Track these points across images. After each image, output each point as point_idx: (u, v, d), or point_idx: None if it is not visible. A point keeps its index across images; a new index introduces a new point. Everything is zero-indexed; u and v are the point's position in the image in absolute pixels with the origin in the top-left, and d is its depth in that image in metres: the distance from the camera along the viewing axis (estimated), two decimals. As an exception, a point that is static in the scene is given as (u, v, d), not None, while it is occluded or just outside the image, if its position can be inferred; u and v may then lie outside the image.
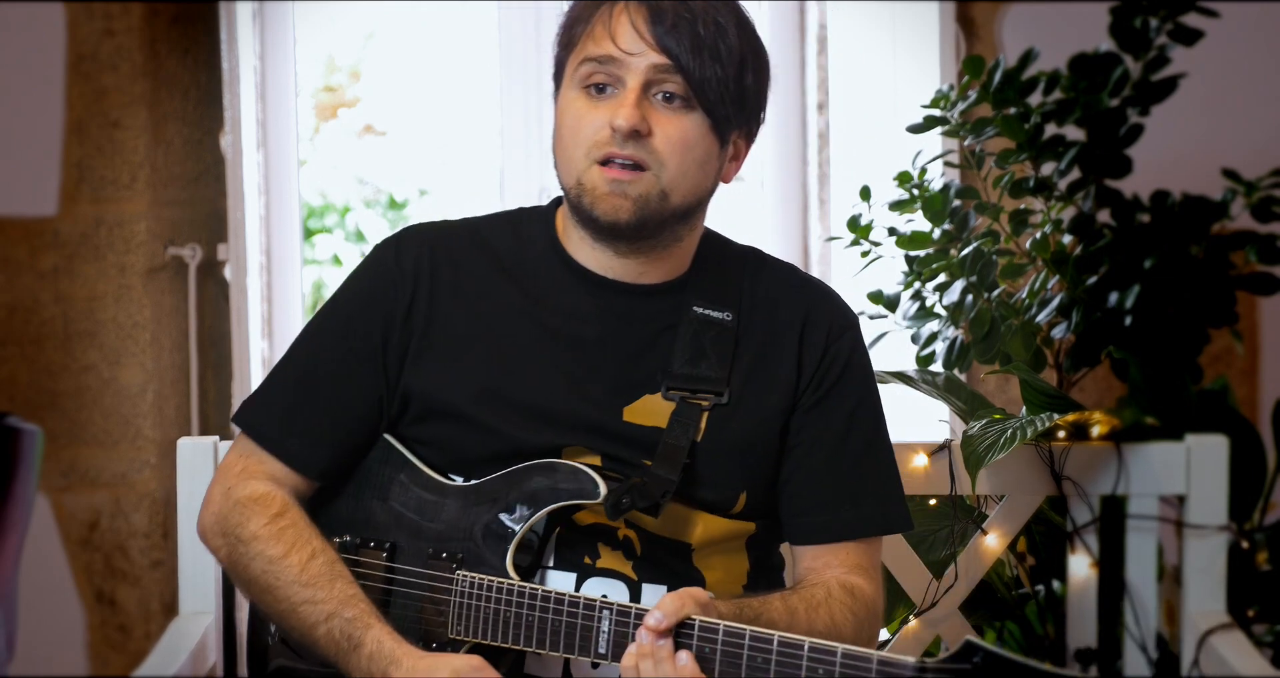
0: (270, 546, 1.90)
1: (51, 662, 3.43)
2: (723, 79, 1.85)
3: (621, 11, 1.85)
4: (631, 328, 1.93)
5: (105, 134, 3.36)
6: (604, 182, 1.84)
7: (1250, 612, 2.50)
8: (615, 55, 1.84)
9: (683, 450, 1.88)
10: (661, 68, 1.84)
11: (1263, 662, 2.20)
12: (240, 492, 1.95)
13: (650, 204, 1.85)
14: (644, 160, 1.84)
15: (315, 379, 1.96)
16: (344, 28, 4.53)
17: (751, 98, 1.91)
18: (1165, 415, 2.44)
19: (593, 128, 1.84)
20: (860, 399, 1.99)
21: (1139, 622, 2.37)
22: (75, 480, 3.43)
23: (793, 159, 3.45)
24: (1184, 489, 2.34)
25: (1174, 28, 2.54)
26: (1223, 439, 2.34)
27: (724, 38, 1.85)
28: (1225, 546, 2.33)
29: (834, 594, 1.91)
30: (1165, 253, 2.50)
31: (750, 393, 1.94)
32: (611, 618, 1.78)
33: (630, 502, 1.85)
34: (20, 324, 3.40)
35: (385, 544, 1.93)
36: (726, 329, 1.94)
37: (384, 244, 1.99)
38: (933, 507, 2.50)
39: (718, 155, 1.91)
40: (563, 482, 1.86)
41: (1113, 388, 3.19)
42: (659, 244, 1.91)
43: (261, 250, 3.49)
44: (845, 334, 1.99)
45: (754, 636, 1.71)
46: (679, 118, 1.85)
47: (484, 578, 1.86)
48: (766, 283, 1.99)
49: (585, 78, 1.86)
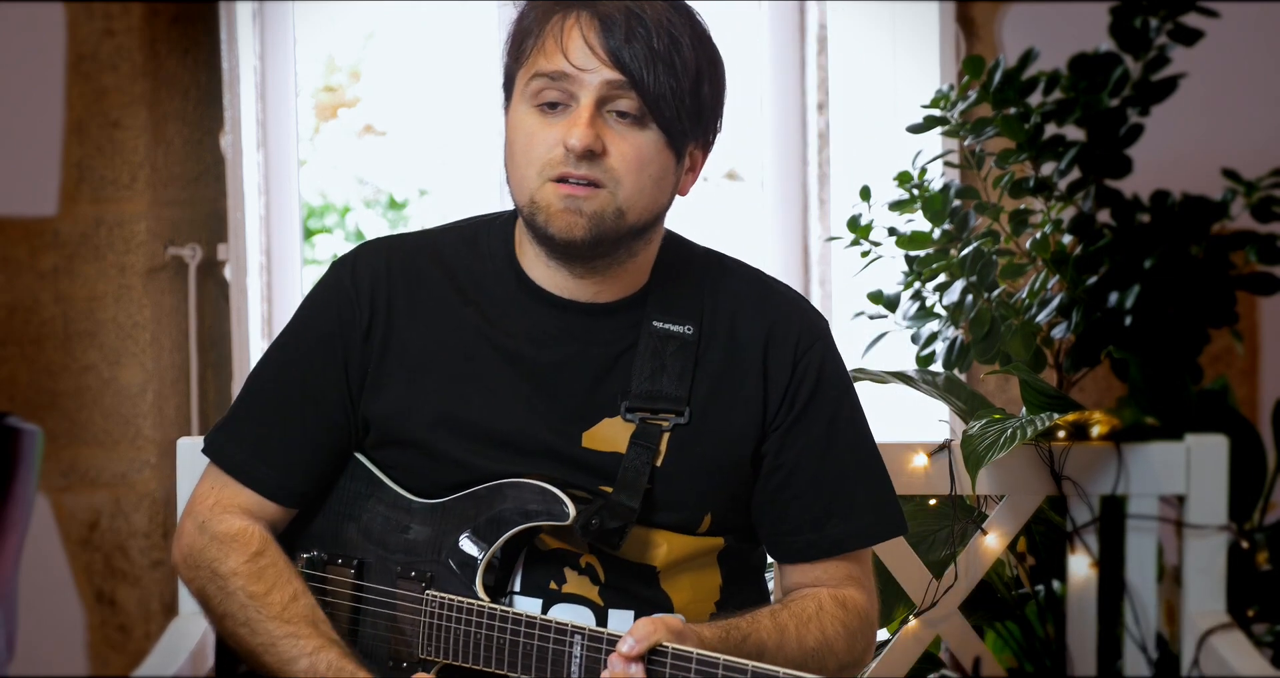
0: (251, 583, 1.89)
1: (51, 662, 3.42)
2: (678, 93, 1.79)
3: (573, 24, 1.79)
4: (590, 350, 1.89)
5: (105, 134, 3.36)
6: (558, 198, 1.79)
7: (1250, 612, 2.50)
8: (568, 71, 1.78)
9: (643, 476, 1.85)
10: (615, 84, 1.78)
11: (1263, 662, 2.21)
12: (216, 527, 1.93)
13: (606, 221, 1.80)
14: (599, 179, 1.78)
15: (282, 406, 1.93)
16: (344, 28, 4.53)
17: (708, 109, 1.84)
18: (1165, 415, 2.44)
19: (545, 146, 1.79)
20: (836, 409, 1.94)
21: (1139, 622, 2.37)
22: (75, 480, 3.43)
23: (793, 159, 3.45)
24: (1184, 489, 2.34)
25: (1174, 28, 2.54)
26: (1223, 439, 2.34)
27: (679, 50, 1.78)
28: (1225, 546, 2.33)
29: (825, 608, 1.89)
30: (1165, 253, 2.50)
31: (713, 413, 1.89)
32: (583, 643, 1.76)
33: (600, 522, 1.81)
34: (20, 324, 3.40)
35: (354, 561, 1.91)
36: (687, 343, 1.89)
37: (339, 263, 1.96)
38: (933, 507, 2.50)
39: (674, 170, 1.85)
40: (531, 503, 1.84)
41: (1113, 388, 3.19)
42: (614, 262, 1.86)
43: (261, 250, 3.49)
44: (814, 347, 1.93)
45: (727, 665, 1.68)
46: (634, 135, 1.79)
47: (454, 599, 1.84)
48: (729, 294, 1.94)
49: (536, 94, 1.80)
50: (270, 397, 1.94)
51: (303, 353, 1.94)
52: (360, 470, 1.95)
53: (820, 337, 1.95)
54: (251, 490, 1.93)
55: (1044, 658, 2.51)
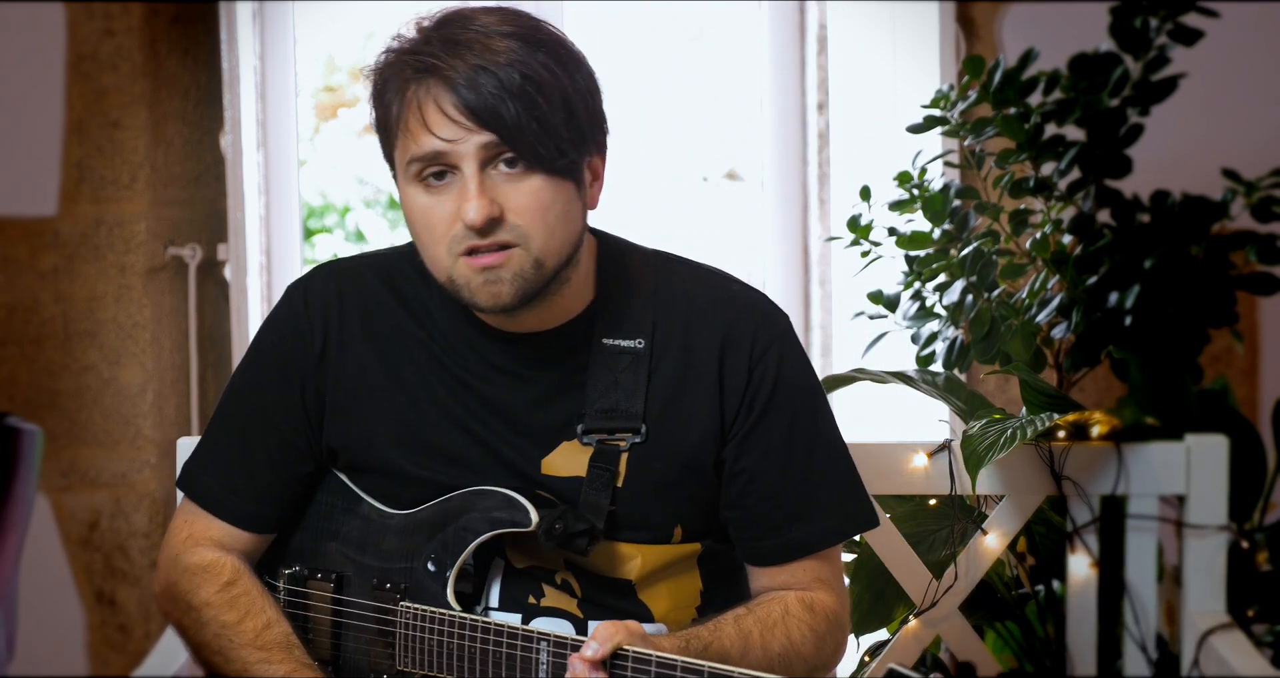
0: (224, 612, 1.90)
1: (51, 662, 3.42)
2: (551, 128, 1.74)
3: (427, 99, 1.74)
4: (542, 376, 1.88)
5: (105, 134, 3.36)
6: (474, 273, 1.76)
7: (1250, 612, 2.50)
8: (440, 148, 1.74)
9: (604, 498, 1.84)
10: (490, 145, 1.73)
11: (1263, 662, 2.20)
12: (188, 559, 1.94)
13: (527, 278, 1.77)
14: (508, 241, 1.75)
15: (245, 435, 1.94)
16: (344, 28, 4.52)
17: (588, 125, 1.79)
18: (1165, 415, 2.43)
19: (445, 223, 1.76)
20: (796, 411, 1.91)
21: (1139, 622, 2.37)
22: (75, 480, 3.43)
23: (793, 159, 3.45)
24: (1184, 489, 2.34)
25: (1174, 28, 2.54)
26: (1223, 439, 2.34)
27: (536, 86, 1.73)
28: (1225, 546, 2.33)
29: (791, 612, 1.88)
30: (1165, 253, 2.50)
31: (670, 427, 1.87)
32: (549, 649, 1.76)
33: (564, 527, 1.80)
34: (20, 324, 3.40)
35: (332, 575, 1.92)
36: (639, 357, 1.87)
37: (292, 288, 1.96)
38: (933, 507, 2.50)
39: (577, 197, 1.81)
40: (496, 510, 1.84)
41: (1113, 388, 3.19)
42: (547, 296, 1.82)
43: (261, 250, 3.49)
44: (770, 349, 1.89)
45: (685, 666, 1.69)
46: (525, 183, 1.75)
47: (427, 610, 1.85)
48: (680, 301, 1.90)
49: (419, 174, 1.77)
50: (234, 426, 1.95)
51: (261, 381, 1.94)
52: (337, 485, 1.96)
53: (777, 337, 1.91)
54: (222, 521, 1.94)
55: (1044, 658, 2.51)
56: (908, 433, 3.07)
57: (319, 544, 1.95)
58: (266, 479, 1.93)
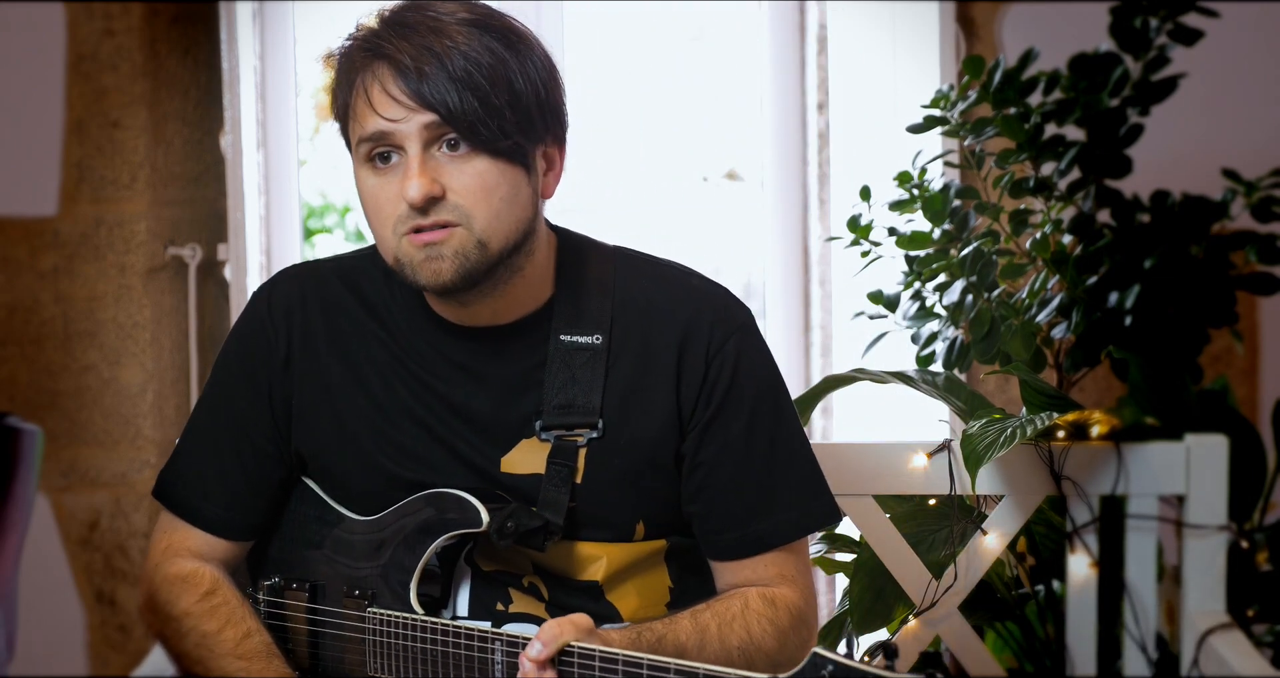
0: (203, 622, 1.90)
1: (51, 662, 3.43)
2: (494, 112, 1.75)
3: (373, 81, 1.78)
4: (501, 372, 1.88)
5: (105, 134, 3.36)
6: (417, 250, 1.77)
7: (1250, 612, 2.50)
8: (384, 128, 1.77)
9: (564, 494, 1.84)
10: (431, 125, 1.75)
11: (1263, 662, 2.20)
12: (168, 570, 1.95)
13: (470, 257, 1.77)
14: (449, 220, 1.76)
15: (216, 443, 1.95)
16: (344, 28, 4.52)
17: (537, 111, 1.80)
18: (1165, 415, 2.43)
19: (390, 203, 1.78)
20: (756, 404, 1.90)
21: (1139, 622, 2.37)
22: (75, 480, 3.43)
23: (793, 159, 3.45)
24: (1184, 489, 2.34)
25: (1174, 28, 2.54)
26: (1223, 439, 2.34)
27: (479, 70, 1.75)
28: (1225, 546, 2.33)
29: (751, 606, 1.87)
30: (1165, 253, 2.50)
31: (628, 422, 1.87)
32: (503, 649, 1.77)
33: (515, 525, 1.81)
34: (20, 324, 3.40)
35: (307, 584, 1.93)
36: (596, 353, 1.87)
37: (257, 294, 1.98)
38: (933, 507, 2.50)
39: (527, 182, 1.81)
40: (449, 512, 1.84)
41: (1113, 388, 3.19)
42: (498, 283, 1.83)
43: (261, 250, 3.49)
44: (729, 342, 1.89)
45: (626, 660, 1.68)
46: (468, 165, 1.77)
47: (391, 615, 1.85)
48: (639, 297, 1.90)
49: (367, 155, 1.80)
50: (205, 434, 1.97)
51: (230, 389, 1.96)
52: (310, 495, 1.96)
53: (736, 329, 1.91)
54: (199, 529, 1.95)
55: (1044, 658, 2.51)
56: (908, 433, 3.07)
57: (296, 554, 1.95)
58: (239, 486, 1.94)
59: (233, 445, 1.94)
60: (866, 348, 2.69)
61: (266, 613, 1.95)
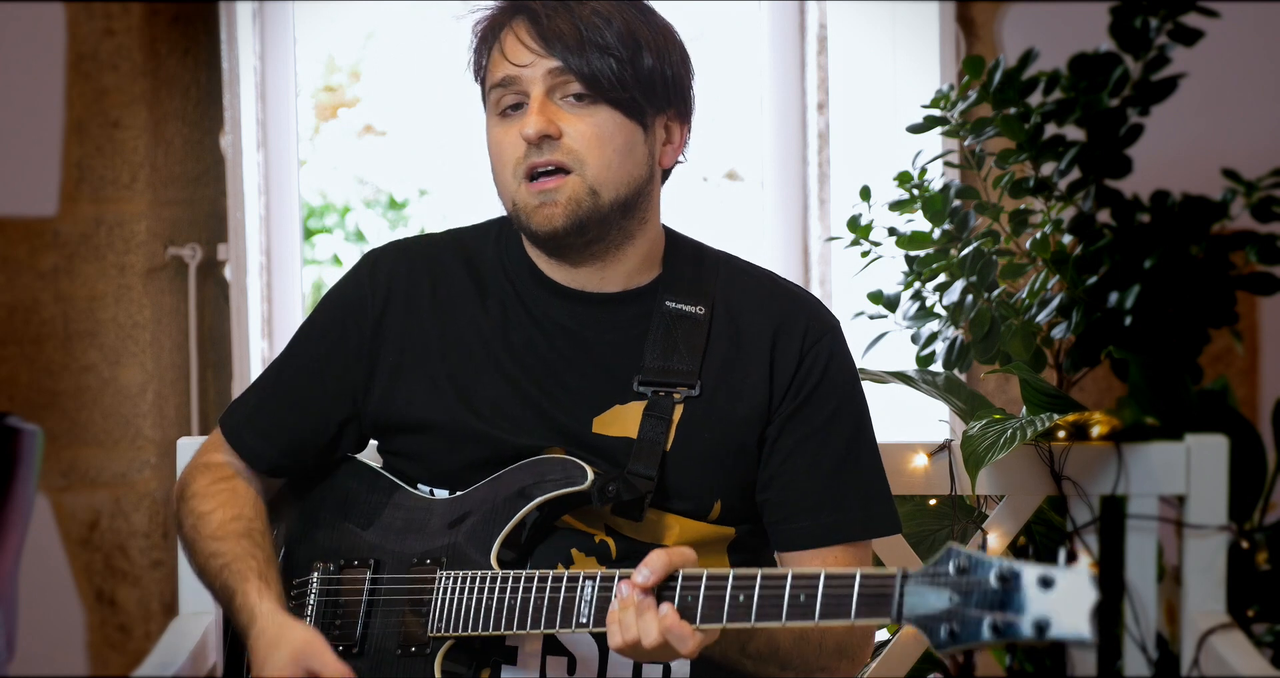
0: (201, 502, 1.98)
1: (51, 662, 3.42)
2: (617, 67, 1.86)
3: (508, 31, 1.89)
4: (603, 337, 1.94)
5: (105, 134, 3.36)
6: (532, 196, 1.87)
7: (1250, 612, 2.50)
8: (512, 73, 1.88)
9: (659, 447, 1.88)
10: (556, 71, 1.86)
11: (1263, 662, 2.20)
12: (200, 459, 2.05)
13: (582, 205, 1.87)
14: (563, 162, 1.86)
15: (281, 383, 2.04)
16: (344, 28, 4.53)
17: (659, 80, 1.90)
18: (1165, 415, 2.44)
19: (511, 146, 1.88)
20: (840, 403, 1.96)
21: (1139, 622, 2.37)
22: (75, 480, 3.43)
23: (793, 159, 3.45)
24: (1184, 489, 2.34)
25: (1174, 28, 2.54)
26: (1223, 439, 2.34)
27: (609, 27, 1.86)
28: (1225, 546, 2.33)
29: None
30: (1165, 253, 2.50)
31: (720, 397, 1.92)
32: (595, 586, 1.77)
33: (616, 490, 1.85)
34: (20, 324, 3.40)
35: (370, 561, 1.94)
36: (699, 323, 1.94)
37: (365, 258, 2.04)
38: (933, 507, 2.50)
39: (643, 141, 1.91)
40: (549, 474, 1.86)
41: (1113, 388, 3.19)
42: (610, 245, 1.92)
43: (261, 250, 3.49)
44: (823, 339, 1.96)
45: (737, 576, 1.69)
46: (587, 114, 1.87)
47: (464, 572, 1.85)
48: (741, 287, 1.99)
49: (498, 103, 1.90)
50: (277, 372, 2.05)
51: (310, 338, 2.03)
52: (379, 480, 1.99)
53: (829, 330, 1.98)
54: (234, 451, 2.04)
55: (1044, 658, 2.51)
56: (908, 433, 3.07)
57: (355, 538, 1.96)
58: (286, 427, 2.01)
59: (293, 392, 2.02)
60: (866, 348, 2.69)
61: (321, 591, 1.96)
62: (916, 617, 1.58)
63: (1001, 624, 1.53)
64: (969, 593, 1.56)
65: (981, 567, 1.56)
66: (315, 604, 1.95)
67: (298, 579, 1.98)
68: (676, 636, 1.69)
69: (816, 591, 1.65)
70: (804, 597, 1.66)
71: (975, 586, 1.55)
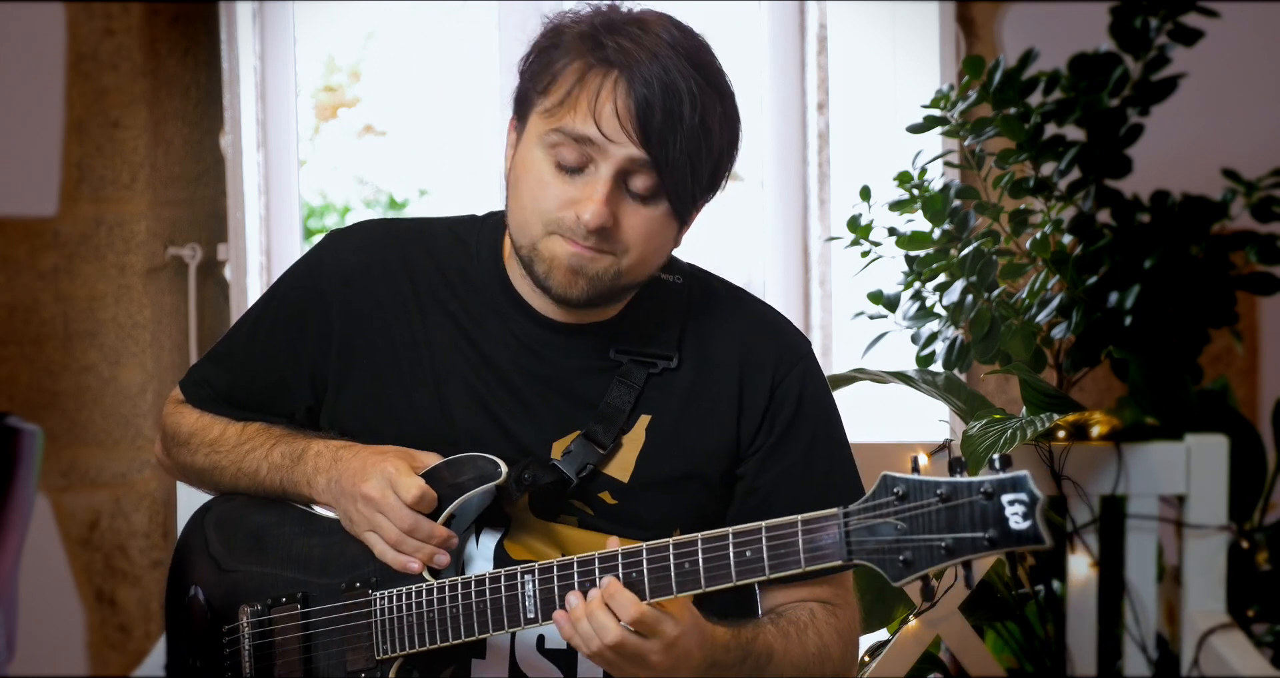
0: (207, 432, 1.99)
1: (51, 662, 3.42)
2: (698, 175, 1.78)
3: (610, 93, 1.75)
4: (565, 364, 1.89)
5: (105, 134, 3.36)
6: (566, 255, 1.78)
7: (1250, 612, 2.51)
8: (594, 138, 1.75)
9: (623, 414, 1.85)
10: (639, 161, 1.76)
11: (1263, 662, 2.21)
12: (168, 408, 2.06)
13: (604, 283, 1.80)
14: (608, 249, 1.79)
15: (232, 353, 2.02)
16: (344, 28, 4.52)
17: (719, 179, 1.85)
18: (1165, 415, 2.44)
19: (557, 204, 1.78)
20: (815, 433, 1.92)
21: (1139, 622, 2.37)
22: (75, 480, 3.43)
23: (793, 159, 3.45)
24: (1184, 489, 2.34)
25: (1174, 28, 2.54)
26: (1223, 439, 2.34)
27: (707, 136, 1.77)
28: (1225, 546, 2.33)
29: (818, 615, 1.88)
30: (1165, 253, 2.50)
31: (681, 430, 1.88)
32: (535, 580, 1.75)
33: (532, 477, 1.81)
34: (20, 324, 3.40)
35: (297, 595, 1.89)
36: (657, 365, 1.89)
37: (331, 236, 1.98)
38: (933, 507, 2.49)
39: (676, 233, 1.86)
40: (463, 474, 1.82)
41: (1113, 388, 3.19)
42: (606, 306, 1.88)
43: (261, 250, 3.49)
44: (792, 370, 1.91)
45: (677, 544, 1.68)
46: (646, 210, 1.79)
47: (402, 589, 1.82)
48: (704, 316, 1.93)
49: (554, 147, 1.78)
50: (230, 342, 2.03)
51: (263, 314, 2.00)
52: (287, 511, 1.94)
53: (799, 359, 1.93)
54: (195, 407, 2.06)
55: (1044, 658, 2.51)
56: (908, 433, 3.07)
57: (277, 575, 1.92)
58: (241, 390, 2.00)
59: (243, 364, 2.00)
60: (866, 348, 2.69)
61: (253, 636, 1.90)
62: (867, 552, 1.58)
63: (954, 544, 1.53)
64: (914, 519, 1.55)
65: (922, 490, 1.55)
66: (250, 650, 1.90)
67: (227, 626, 1.93)
68: (618, 603, 1.67)
69: (761, 543, 1.64)
70: (750, 552, 1.65)
71: (919, 510, 1.55)
